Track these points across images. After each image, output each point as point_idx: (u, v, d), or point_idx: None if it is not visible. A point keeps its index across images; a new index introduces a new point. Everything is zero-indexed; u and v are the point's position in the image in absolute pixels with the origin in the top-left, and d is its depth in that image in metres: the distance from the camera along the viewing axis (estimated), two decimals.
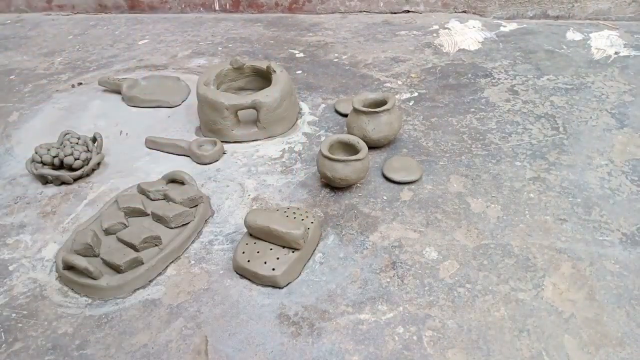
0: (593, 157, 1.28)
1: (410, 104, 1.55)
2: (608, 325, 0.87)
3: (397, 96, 1.59)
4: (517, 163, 1.27)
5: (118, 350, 0.87)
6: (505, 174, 1.23)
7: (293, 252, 0.99)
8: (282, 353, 0.85)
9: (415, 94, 1.61)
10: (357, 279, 0.98)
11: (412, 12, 2.29)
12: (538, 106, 1.51)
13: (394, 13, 2.31)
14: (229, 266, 1.02)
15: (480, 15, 2.21)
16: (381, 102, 1.33)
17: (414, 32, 2.09)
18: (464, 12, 2.25)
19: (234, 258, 1.00)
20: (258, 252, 0.99)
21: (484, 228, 1.08)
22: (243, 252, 1.00)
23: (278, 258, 0.97)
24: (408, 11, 2.29)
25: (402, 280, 0.97)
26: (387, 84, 1.68)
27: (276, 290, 0.97)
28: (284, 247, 1.00)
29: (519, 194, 1.17)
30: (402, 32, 2.09)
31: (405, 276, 0.98)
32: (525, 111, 1.49)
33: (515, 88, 1.61)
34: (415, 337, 0.87)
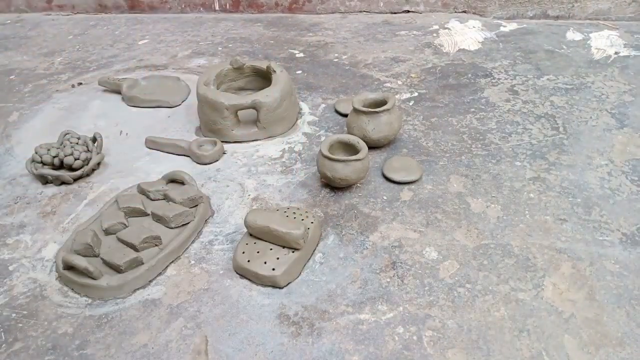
0: (593, 157, 1.28)
1: (410, 104, 1.55)
2: (608, 325, 0.87)
3: (397, 96, 1.59)
4: (517, 163, 1.27)
5: (118, 350, 0.87)
6: (505, 174, 1.23)
7: (293, 252, 0.99)
8: (282, 353, 0.85)
9: (415, 94, 1.61)
10: (357, 279, 0.98)
11: (412, 12, 2.29)
12: (538, 106, 1.51)
13: (394, 13, 2.31)
14: (229, 266, 1.02)
15: (480, 15, 2.21)
16: (381, 102, 1.34)
17: (414, 32, 2.09)
18: (464, 12, 2.25)
19: (234, 258, 1.00)
20: (258, 252, 0.99)
21: (484, 228, 1.08)
22: (243, 252, 1.00)
23: (278, 258, 0.97)
24: (408, 11, 2.29)
25: (402, 280, 0.97)
26: (387, 84, 1.68)
27: (276, 290, 0.97)
28: (284, 247, 1.00)
29: (519, 194, 1.17)
30: (402, 32, 2.09)
31: (405, 276, 0.98)
32: (525, 111, 1.49)
33: (515, 88, 1.61)
34: (415, 337, 0.87)
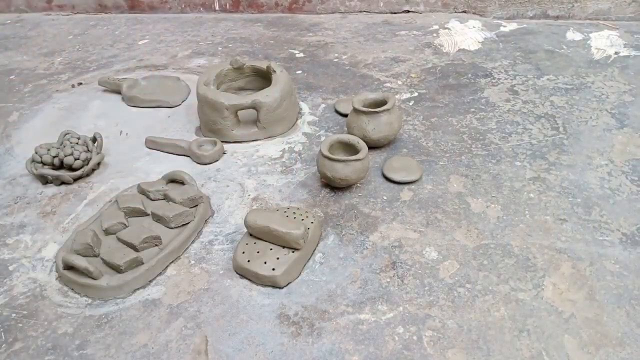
0: (593, 157, 1.28)
1: (410, 104, 1.55)
2: (608, 325, 0.87)
3: (397, 96, 1.59)
4: (517, 163, 1.27)
5: (118, 350, 0.87)
6: (505, 174, 1.23)
7: (293, 252, 0.99)
8: (282, 353, 0.85)
9: (415, 94, 1.61)
10: (357, 279, 0.98)
11: (412, 12, 2.29)
12: (538, 106, 1.51)
13: (394, 13, 2.31)
14: (229, 266, 1.02)
15: (480, 15, 2.21)
16: (381, 102, 1.33)
17: (414, 32, 2.09)
18: (464, 12, 2.25)
19: (234, 258, 1.00)
20: (258, 252, 0.99)
21: (484, 228, 1.08)
22: (243, 252, 1.00)
23: (278, 258, 0.97)
24: (408, 11, 2.29)
25: (402, 280, 0.97)
26: (387, 84, 1.68)
27: (276, 290, 0.97)
28: (284, 247, 1.00)
29: (519, 194, 1.17)
30: (402, 32, 2.09)
31: (405, 276, 0.98)
32: (525, 111, 1.49)
33: (515, 88, 1.61)
34: (415, 337, 0.87)
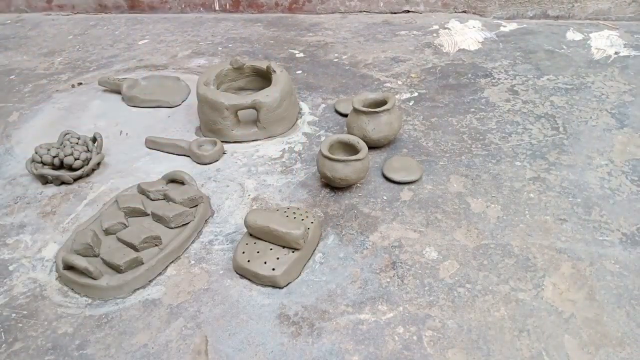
0: (593, 157, 1.28)
1: (410, 104, 1.55)
2: (608, 325, 0.87)
3: (397, 96, 1.59)
4: (517, 163, 1.27)
5: (118, 350, 0.87)
6: (505, 174, 1.23)
7: (293, 252, 0.99)
8: (282, 353, 0.85)
9: (415, 94, 1.61)
10: (357, 279, 0.98)
11: (412, 12, 2.29)
12: (538, 106, 1.51)
13: (394, 13, 2.31)
14: (229, 266, 1.02)
15: (480, 15, 2.21)
16: (381, 102, 1.33)
17: (414, 32, 2.09)
18: (464, 12, 2.25)
19: (234, 258, 1.00)
20: (258, 252, 0.99)
21: (484, 228, 1.08)
22: (243, 252, 1.00)
23: (278, 258, 0.97)
24: (408, 11, 2.29)
25: (402, 280, 0.97)
26: (387, 84, 1.68)
27: (276, 290, 0.97)
28: (284, 247, 1.00)
29: (519, 194, 1.17)
30: (402, 32, 2.09)
31: (405, 276, 0.98)
32: (525, 111, 1.49)
33: (515, 88, 1.61)
34: (415, 337, 0.87)
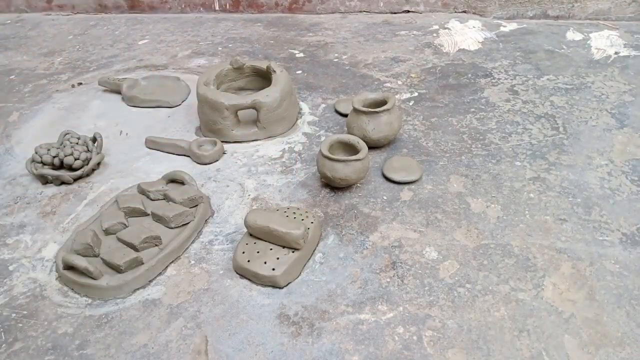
0: (593, 157, 1.28)
1: (410, 104, 1.55)
2: (608, 325, 0.87)
3: (397, 96, 1.59)
4: (517, 163, 1.27)
5: (118, 350, 0.87)
6: (505, 174, 1.23)
7: (293, 252, 0.99)
8: (282, 353, 0.85)
9: (415, 94, 1.61)
10: (357, 279, 0.98)
11: (412, 12, 2.29)
12: (538, 106, 1.51)
13: (394, 13, 2.31)
14: (229, 266, 1.02)
15: (480, 15, 2.21)
16: (381, 102, 1.33)
17: (414, 32, 2.09)
18: (464, 12, 2.25)
19: (234, 258, 1.00)
20: (258, 252, 0.99)
21: (484, 228, 1.08)
22: (243, 252, 1.00)
23: (278, 258, 0.97)
24: (408, 11, 2.29)
25: (402, 280, 0.97)
26: (387, 84, 1.68)
27: (276, 290, 0.97)
28: (284, 247, 1.00)
29: (519, 194, 1.17)
30: (402, 32, 2.09)
31: (405, 276, 0.98)
32: (525, 111, 1.49)
33: (515, 88, 1.61)
34: (415, 337, 0.87)
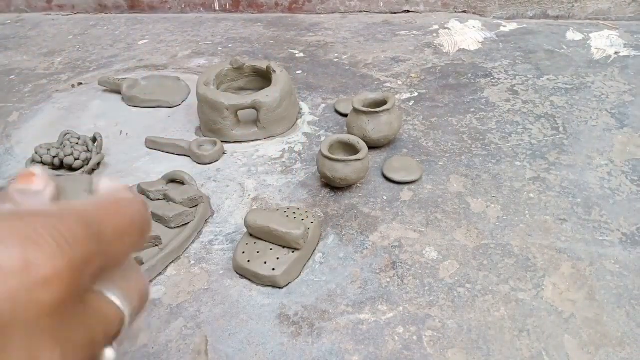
0: (593, 157, 1.28)
1: (410, 104, 1.55)
2: (608, 325, 0.87)
3: (397, 96, 1.59)
4: (517, 163, 1.27)
5: (118, 350, 0.87)
6: (505, 174, 1.23)
7: (293, 252, 0.99)
8: (282, 353, 0.85)
9: (415, 94, 1.61)
10: (357, 279, 0.98)
11: (412, 12, 2.29)
12: (538, 106, 1.51)
13: (394, 13, 2.31)
14: (229, 266, 1.02)
15: (480, 15, 2.21)
16: (381, 102, 1.33)
17: (414, 32, 2.09)
18: (464, 12, 2.25)
19: (234, 258, 1.00)
20: (258, 252, 0.99)
21: (484, 228, 1.08)
22: (243, 252, 1.00)
23: (278, 258, 0.97)
24: (408, 11, 2.29)
25: (402, 280, 0.97)
26: (387, 84, 1.68)
27: (276, 290, 0.97)
28: (284, 247, 1.00)
29: (519, 194, 1.17)
30: (402, 32, 2.09)
31: (405, 276, 0.98)
32: (525, 111, 1.49)
33: (515, 88, 1.61)
34: (415, 337, 0.87)
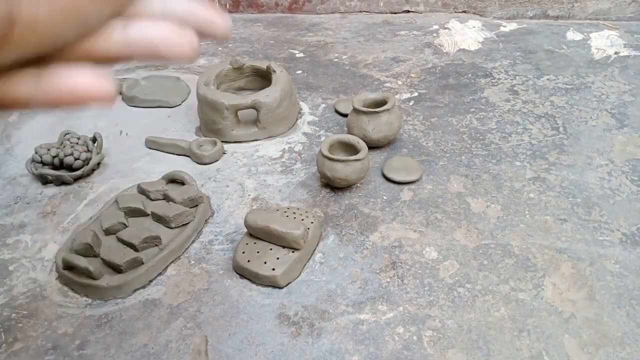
0: (593, 157, 1.28)
1: (410, 104, 1.55)
2: (608, 325, 0.87)
3: (397, 96, 1.59)
4: (517, 163, 1.27)
5: (118, 350, 0.87)
6: (505, 174, 1.23)
7: (293, 252, 0.99)
8: (282, 353, 0.85)
9: (415, 94, 1.61)
10: (357, 279, 0.98)
11: (412, 12, 2.29)
12: (538, 106, 1.51)
13: (394, 13, 2.31)
14: (229, 266, 1.02)
15: (480, 15, 2.21)
16: (381, 102, 1.33)
17: (414, 32, 2.09)
18: (464, 12, 2.25)
19: (234, 258, 1.00)
20: (258, 252, 0.99)
21: (484, 228, 1.08)
22: (243, 252, 1.00)
23: (278, 258, 0.97)
24: (408, 11, 2.29)
25: (402, 280, 0.97)
26: (387, 84, 1.68)
27: (276, 290, 0.97)
28: (284, 247, 1.00)
29: (519, 194, 1.17)
30: (402, 32, 2.09)
31: (405, 276, 0.98)
32: (525, 111, 1.49)
33: (515, 88, 1.61)
34: (415, 337, 0.87)
